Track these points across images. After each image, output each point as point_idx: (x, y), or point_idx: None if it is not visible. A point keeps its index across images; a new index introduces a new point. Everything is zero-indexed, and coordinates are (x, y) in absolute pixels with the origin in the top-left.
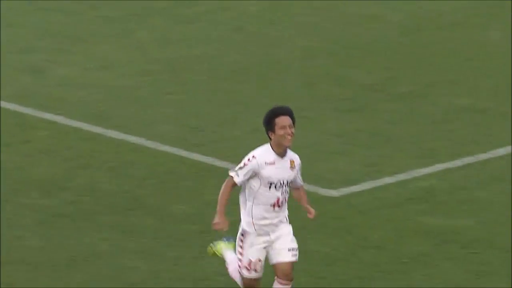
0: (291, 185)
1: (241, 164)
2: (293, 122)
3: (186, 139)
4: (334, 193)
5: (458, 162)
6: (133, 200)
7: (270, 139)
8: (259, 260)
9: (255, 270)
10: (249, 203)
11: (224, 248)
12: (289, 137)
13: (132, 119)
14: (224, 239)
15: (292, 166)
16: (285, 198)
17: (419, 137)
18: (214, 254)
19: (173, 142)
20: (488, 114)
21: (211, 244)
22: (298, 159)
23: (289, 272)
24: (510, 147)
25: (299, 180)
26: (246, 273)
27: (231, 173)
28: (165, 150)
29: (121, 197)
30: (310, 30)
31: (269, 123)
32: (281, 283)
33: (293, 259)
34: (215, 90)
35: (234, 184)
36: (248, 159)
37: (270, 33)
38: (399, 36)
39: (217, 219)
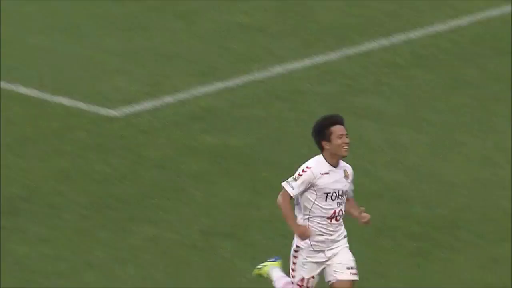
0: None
1: (295, 176)
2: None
3: None
4: (114, 112)
5: (237, 81)
6: None
7: (322, 149)
8: (312, 277)
9: (307, 287)
10: (305, 218)
11: (270, 267)
12: (346, 147)
13: None
14: (271, 259)
15: (346, 176)
16: (341, 210)
17: (199, 55)
18: (260, 275)
19: None
20: (266, 31)
21: (257, 266)
22: (351, 169)
23: None
24: (287, 64)
25: (351, 191)
26: None
27: (285, 185)
28: None
29: None
30: None
31: (323, 132)
32: None
33: (353, 277)
34: None
35: (290, 197)
36: (303, 170)
37: None
38: None
39: (298, 231)
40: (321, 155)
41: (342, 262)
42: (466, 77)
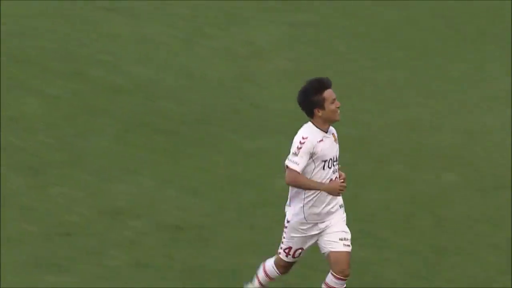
0: None
1: (294, 151)
2: None
3: None
4: None
5: None
6: None
7: (313, 116)
8: (301, 249)
9: (293, 256)
10: (300, 192)
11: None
12: (339, 111)
13: None
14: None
15: (335, 139)
16: (337, 178)
17: None
18: None
19: None
20: None
21: None
22: (335, 130)
23: (345, 265)
24: None
25: None
26: (283, 256)
27: (290, 165)
28: None
29: None
30: None
31: (316, 99)
32: (336, 278)
33: (347, 249)
34: None
35: (299, 173)
36: (300, 142)
37: None
38: None
39: (330, 187)
40: (310, 123)
41: (335, 232)
42: None
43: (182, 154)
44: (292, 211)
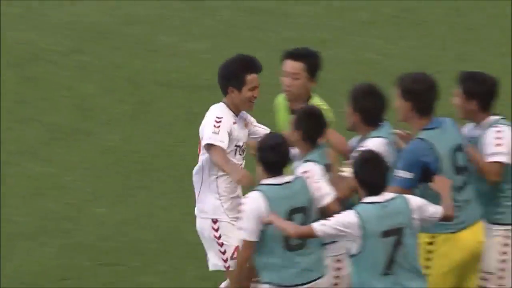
0: None
1: (213, 130)
2: None
3: None
4: None
5: None
6: None
7: (226, 95)
8: None
9: None
10: (212, 178)
11: None
12: (254, 101)
13: None
14: None
15: (246, 125)
16: (241, 166)
17: None
18: None
19: None
20: None
21: None
22: (250, 116)
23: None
24: None
25: None
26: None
27: (216, 143)
28: None
29: None
30: None
31: (237, 78)
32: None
33: None
34: None
35: (225, 151)
36: (216, 121)
37: None
38: None
39: (238, 174)
40: (221, 103)
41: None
42: None
43: None
44: (211, 205)
